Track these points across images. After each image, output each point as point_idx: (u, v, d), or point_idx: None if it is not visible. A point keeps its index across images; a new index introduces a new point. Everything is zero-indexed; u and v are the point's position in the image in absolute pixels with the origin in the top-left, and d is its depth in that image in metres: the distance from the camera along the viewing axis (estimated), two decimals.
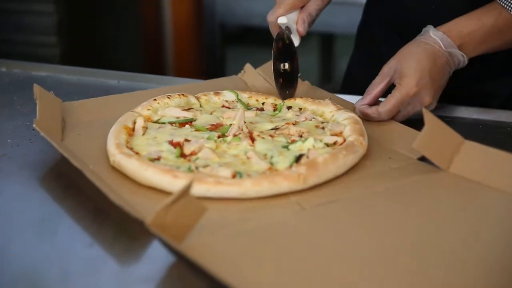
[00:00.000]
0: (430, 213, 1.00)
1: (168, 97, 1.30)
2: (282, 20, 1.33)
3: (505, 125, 1.36)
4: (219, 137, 1.18)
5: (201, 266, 0.83)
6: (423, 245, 0.93)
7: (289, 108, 1.31)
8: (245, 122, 1.21)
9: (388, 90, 1.29)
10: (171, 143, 1.15)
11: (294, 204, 1.02)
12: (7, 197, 1.08)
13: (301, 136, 1.18)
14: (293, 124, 1.23)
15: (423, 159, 1.14)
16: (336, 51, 3.87)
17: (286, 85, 1.36)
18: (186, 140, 1.16)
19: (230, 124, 1.22)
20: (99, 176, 1.07)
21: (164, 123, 1.24)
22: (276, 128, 1.22)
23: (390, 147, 1.20)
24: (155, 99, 1.29)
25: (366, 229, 0.96)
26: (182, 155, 1.13)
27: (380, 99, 1.30)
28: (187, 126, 1.23)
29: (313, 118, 1.26)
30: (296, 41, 1.36)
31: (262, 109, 1.33)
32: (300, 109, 1.31)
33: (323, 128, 1.21)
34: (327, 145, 1.16)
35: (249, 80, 1.49)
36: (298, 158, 1.10)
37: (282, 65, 1.36)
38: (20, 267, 0.91)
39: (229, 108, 1.32)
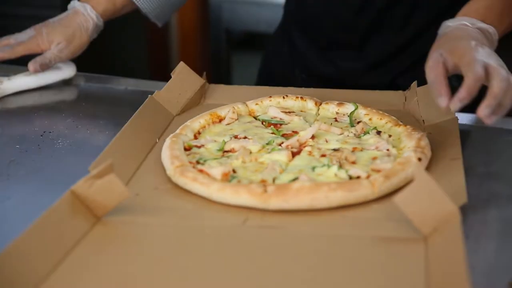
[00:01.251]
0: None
1: (283, 97, 1.34)
2: None
3: None
4: (281, 144, 1.19)
5: None
6: None
7: (379, 132, 1.21)
8: (314, 137, 1.19)
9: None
10: (235, 137, 1.21)
11: (241, 219, 1.00)
12: (15, 202, 1.09)
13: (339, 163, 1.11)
14: (361, 150, 1.16)
15: None
16: None
17: None
18: (244, 138, 1.20)
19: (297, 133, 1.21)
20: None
21: (258, 119, 1.29)
22: (337, 150, 1.16)
23: None
24: (270, 96, 1.34)
25: (268, 266, 0.90)
26: (224, 149, 1.18)
27: None
28: (271, 127, 1.26)
29: (387, 149, 1.15)
30: None
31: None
32: (390, 136, 1.21)
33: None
34: (351, 177, 1.07)
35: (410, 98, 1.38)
36: (294, 179, 1.07)
37: None
38: None
39: (336, 120, 1.28)
